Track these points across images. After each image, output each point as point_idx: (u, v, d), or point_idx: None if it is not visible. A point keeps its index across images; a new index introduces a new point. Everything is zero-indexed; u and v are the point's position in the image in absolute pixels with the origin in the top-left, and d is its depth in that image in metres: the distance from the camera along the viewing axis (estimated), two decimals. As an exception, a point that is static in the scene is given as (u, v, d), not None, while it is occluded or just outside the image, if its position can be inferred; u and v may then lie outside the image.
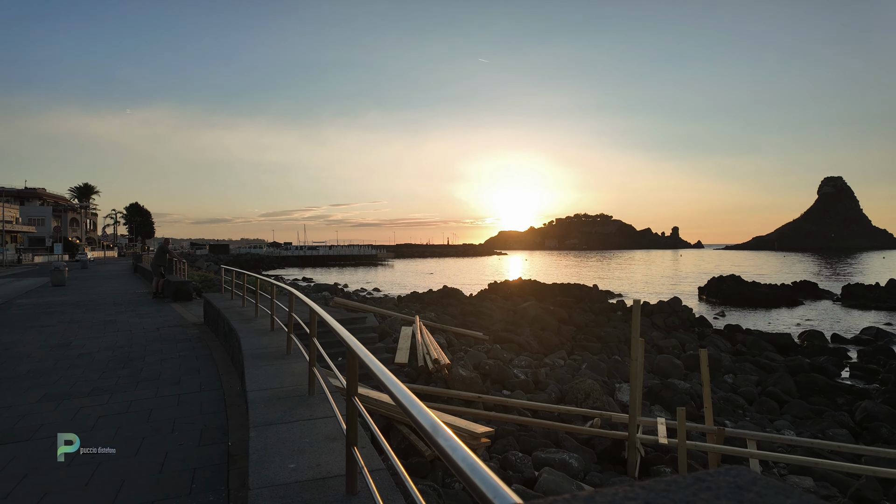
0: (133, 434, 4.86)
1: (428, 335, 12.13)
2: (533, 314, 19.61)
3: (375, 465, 2.98)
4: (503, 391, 10.15)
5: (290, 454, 3.29)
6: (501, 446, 7.23)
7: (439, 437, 1.17)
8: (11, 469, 4.14)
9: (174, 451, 4.48)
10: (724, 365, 14.59)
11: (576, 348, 15.98)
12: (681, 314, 23.53)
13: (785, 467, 7.85)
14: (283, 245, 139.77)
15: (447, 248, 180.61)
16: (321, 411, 4.12)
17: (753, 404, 11.73)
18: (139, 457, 4.36)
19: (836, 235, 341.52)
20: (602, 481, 6.55)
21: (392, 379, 1.78)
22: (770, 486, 0.73)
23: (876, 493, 6.87)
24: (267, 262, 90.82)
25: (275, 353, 6.22)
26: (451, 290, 28.74)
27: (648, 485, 0.74)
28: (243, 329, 7.82)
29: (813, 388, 13.12)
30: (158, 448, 4.54)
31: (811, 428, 10.27)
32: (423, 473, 5.88)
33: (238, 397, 5.97)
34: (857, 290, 38.50)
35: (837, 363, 16.74)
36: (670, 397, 10.84)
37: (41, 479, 3.98)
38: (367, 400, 6.44)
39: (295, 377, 5.13)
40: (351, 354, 2.59)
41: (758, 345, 18.16)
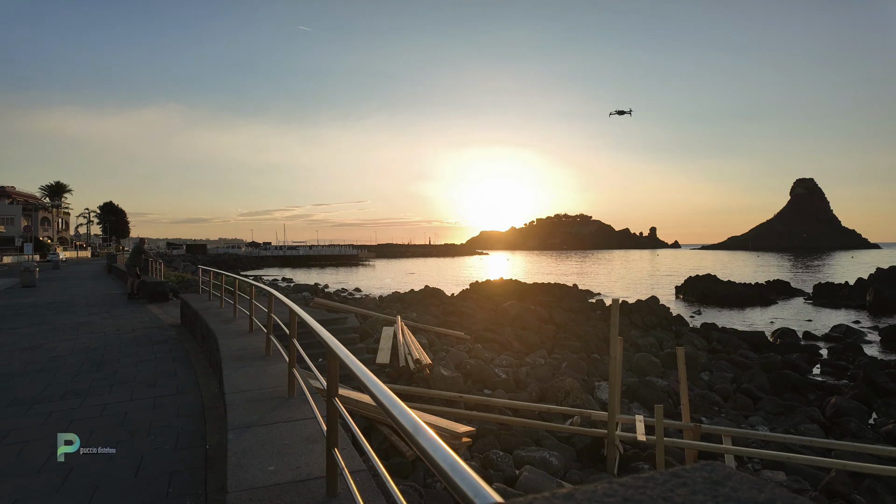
0: (107, 438, 4.75)
1: (409, 335, 12.11)
2: (514, 314, 19.72)
3: (356, 467, 2.96)
4: (484, 390, 10.18)
5: (270, 456, 3.25)
6: (483, 445, 7.26)
7: (420, 437, 1.17)
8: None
9: (150, 455, 4.39)
10: (700, 363, 14.86)
11: (556, 347, 16.11)
12: (658, 313, 23.89)
13: (759, 462, 8.03)
14: (262, 245, 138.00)
15: (429, 248, 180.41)
16: (301, 413, 4.08)
17: (729, 401, 11.98)
18: (114, 462, 4.27)
19: (807, 235, 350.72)
20: (582, 479, 6.62)
21: (373, 379, 1.77)
22: (744, 481, 0.74)
23: (846, 486, 7.07)
24: (245, 262, 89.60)
25: (254, 355, 6.14)
26: (433, 290, 28.75)
27: (626, 482, 0.75)
28: (221, 330, 7.70)
29: (785, 385, 13.46)
30: (134, 452, 4.45)
31: (784, 423, 10.53)
32: (404, 474, 5.87)
33: (216, 399, 5.88)
34: (827, 289, 39.59)
35: (809, 360, 17.21)
36: (648, 395, 11.00)
37: (10, 485, 3.86)
38: (348, 401, 6.40)
39: (274, 379, 5.08)
40: (331, 355, 2.57)
41: (733, 343, 18.55)
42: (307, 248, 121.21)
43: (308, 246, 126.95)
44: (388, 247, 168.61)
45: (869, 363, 15.85)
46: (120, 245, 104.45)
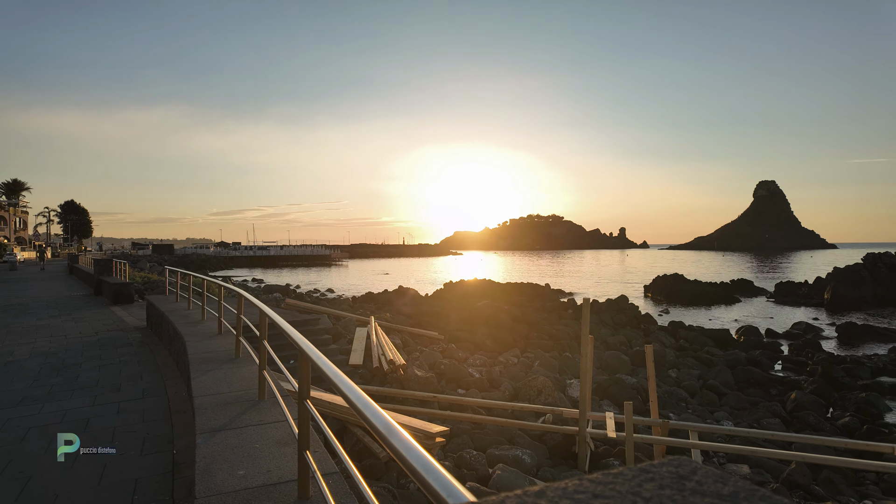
0: (68, 445, 4.59)
1: (383, 336, 12.05)
2: (487, 313, 19.82)
3: (329, 469, 2.94)
4: (458, 390, 10.21)
5: (240, 460, 3.20)
6: (456, 445, 7.27)
7: (393, 438, 1.17)
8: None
9: (114, 462, 4.26)
10: (668, 360, 15.21)
11: (529, 346, 16.27)
12: (628, 312, 24.37)
13: (724, 456, 8.27)
14: (231, 245, 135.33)
15: (402, 248, 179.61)
16: (272, 416, 4.02)
17: (695, 397, 12.30)
18: (75, 469, 4.12)
19: (769, 236, 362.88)
20: (554, 476, 6.71)
21: (346, 381, 1.76)
22: (709, 475, 0.76)
23: (805, 477, 7.35)
24: (214, 262, 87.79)
25: (223, 357, 6.02)
26: (407, 290, 28.71)
27: (596, 478, 0.76)
28: (189, 332, 7.53)
29: (749, 381, 13.90)
30: (96, 459, 4.31)
31: (748, 418, 10.87)
32: (377, 475, 5.84)
33: (184, 403, 5.75)
34: (787, 288, 41.07)
35: (771, 357, 17.83)
36: (618, 392, 11.21)
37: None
38: (320, 403, 6.34)
39: (244, 381, 4.99)
40: (303, 357, 2.54)
41: (699, 340, 19.06)
42: (278, 248, 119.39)
43: (279, 246, 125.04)
44: (362, 247, 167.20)
45: (826, 359, 16.50)
46: (82, 245, 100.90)
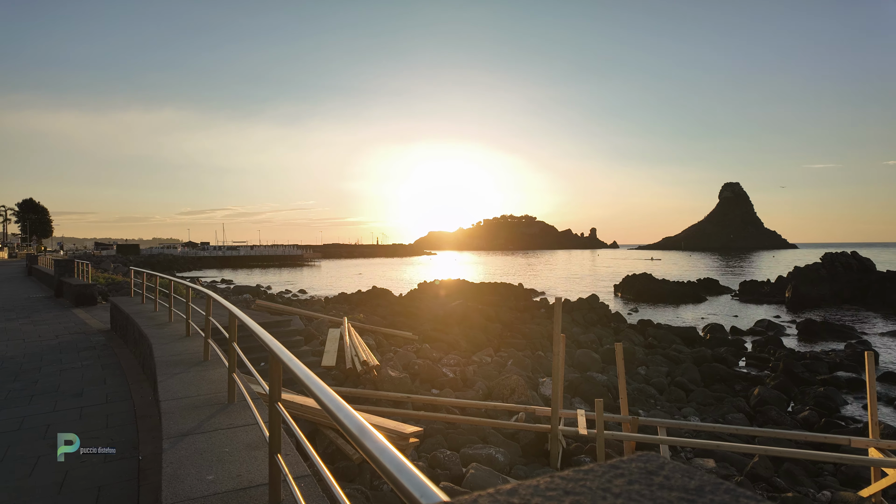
0: (27, 453, 4.41)
1: (356, 337, 11.95)
2: (461, 313, 19.87)
3: (300, 472, 2.90)
4: (432, 390, 10.21)
5: (209, 465, 3.13)
6: (430, 445, 7.27)
7: (366, 439, 1.16)
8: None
9: (76, 469, 4.11)
10: (637, 358, 15.53)
11: (502, 345, 16.38)
12: (598, 310, 24.78)
13: (691, 451, 8.49)
14: (199, 245, 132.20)
15: (376, 248, 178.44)
16: (242, 419, 3.95)
17: (664, 394, 12.59)
18: (34, 478, 3.96)
19: (734, 236, 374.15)
20: (527, 474, 6.77)
21: (318, 382, 1.74)
22: (676, 470, 0.78)
23: (767, 470, 7.60)
24: (182, 263, 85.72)
25: (191, 360, 5.89)
26: (381, 291, 28.52)
27: (568, 475, 0.78)
28: (156, 335, 7.33)
29: (715, 377, 14.29)
30: (57, 467, 4.15)
31: (713, 413, 11.18)
32: (350, 477, 5.80)
33: (150, 408, 5.59)
34: (751, 287, 42.40)
35: (736, 353, 18.37)
36: (589, 390, 11.38)
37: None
38: (292, 405, 6.25)
39: (213, 384, 4.89)
40: (274, 359, 2.50)
41: (667, 338, 19.50)
42: (248, 248, 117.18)
43: (249, 246, 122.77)
44: (335, 247, 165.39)
45: (787, 355, 17.12)
46: (41, 245, 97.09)
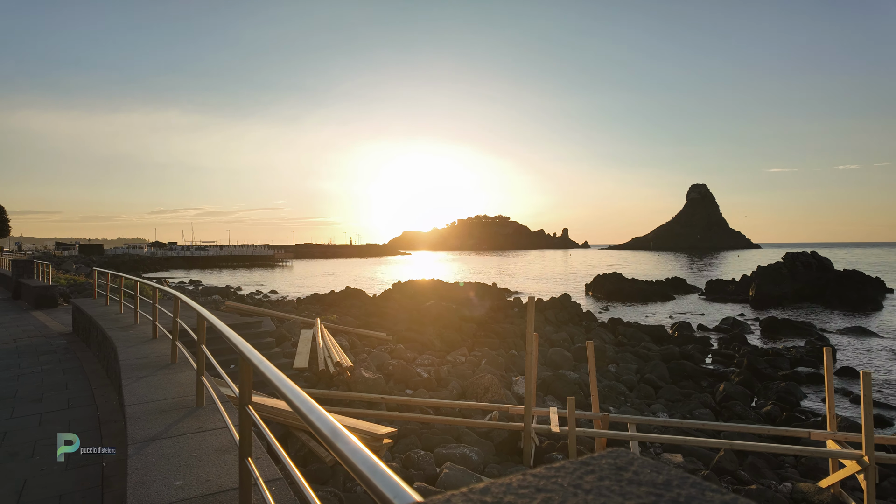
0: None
1: (329, 338, 11.83)
2: (436, 313, 19.87)
3: (272, 476, 2.86)
4: (406, 390, 10.18)
5: (176, 470, 3.05)
6: (404, 445, 7.25)
7: (339, 441, 1.15)
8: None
9: (35, 478, 3.96)
10: (608, 355, 15.80)
11: (476, 345, 16.45)
12: (570, 309, 25.12)
13: (660, 446, 8.69)
14: (166, 245, 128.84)
15: (350, 249, 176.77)
16: (211, 423, 3.87)
17: (634, 390, 12.84)
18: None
19: (700, 236, 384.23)
20: (500, 472, 6.81)
21: (289, 385, 1.71)
22: (645, 465, 0.80)
23: (732, 463, 7.83)
24: (148, 263, 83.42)
25: (158, 363, 5.74)
26: (354, 291, 28.30)
27: (539, 472, 0.79)
28: (121, 337, 7.12)
29: (683, 374, 14.66)
30: (15, 475, 3.99)
31: (681, 409, 11.46)
32: (323, 480, 5.74)
33: (114, 413, 5.42)
34: (717, 285, 43.62)
35: (702, 350, 18.88)
36: (561, 387, 11.53)
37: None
38: (263, 408, 6.15)
39: (181, 388, 4.77)
40: (244, 361, 2.45)
41: (637, 336, 19.91)
42: (218, 248, 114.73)
43: (219, 246, 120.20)
44: (307, 247, 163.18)
45: (751, 352, 17.68)
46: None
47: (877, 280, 38.96)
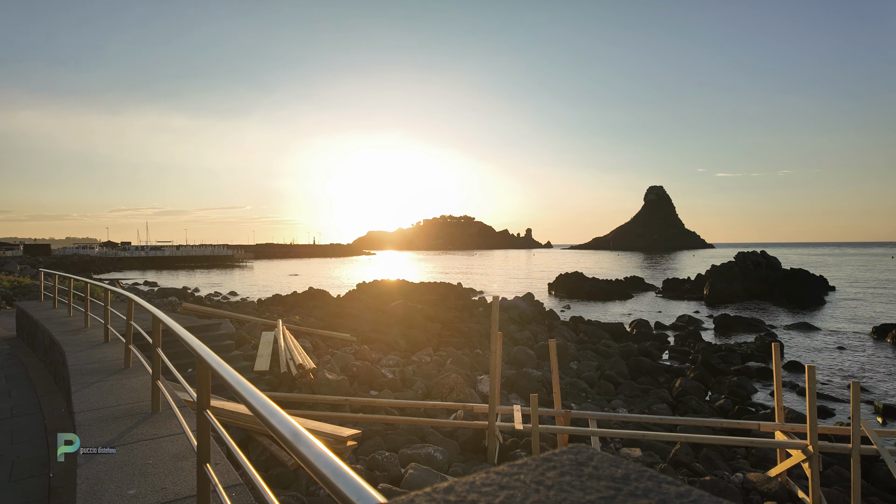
0: (-88, 477, 3.96)
1: (292, 339, 11.63)
2: (401, 313, 19.79)
3: (232, 481, 2.80)
4: (371, 392, 10.10)
5: (130, 479, 2.94)
6: (369, 447, 7.20)
7: (301, 444, 1.14)
8: None
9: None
10: (569, 353, 16.11)
11: (441, 344, 16.47)
12: (533, 308, 25.47)
13: (620, 441, 8.91)
14: (119, 245, 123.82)
15: (313, 249, 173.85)
16: (167, 429, 3.75)
17: (594, 387, 13.13)
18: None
19: (658, 237, 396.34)
20: (465, 471, 6.85)
21: (249, 388, 1.68)
22: (604, 460, 0.83)
23: (688, 456, 8.11)
24: (100, 264, 79.96)
25: (110, 368, 5.51)
26: (317, 292, 27.86)
27: (502, 470, 0.80)
28: (70, 342, 6.80)
29: (641, 370, 15.08)
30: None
31: (640, 404, 11.79)
32: (286, 484, 5.63)
33: (63, 421, 5.18)
34: (673, 284, 45.09)
35: (659, 347, 19.49)
36: (525, 385, 11.68)
37: None
38: (222, 413, 5.99)
39: (135, 393, 4.60)
40: (202, 364, 2.38)
41: (597, 334, 20.36)
42: (174, 248, 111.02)
43: (175, 246, 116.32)
44: (269, 247, 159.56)
45: (706, 348, 18.35)
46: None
47: (820, 278, 41.08)
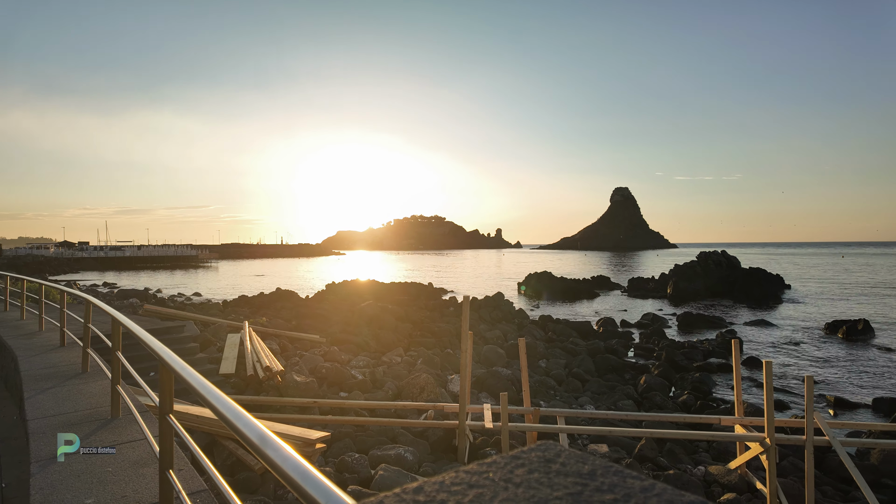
0: None
1: (258, 341, 11.41)
2: (371, 314, 19.64)
3: (196, 487, 2.73)
4: (341, 393, 10.01)
5: (87, 488, 2.84)
6: (338, 449, 7.13)
7: (268, 448, 1.12)
8: None
9: (-84, 507, 3.54)
10: (538, 351, 16.30)
11: (412, 345, 16.43)
12: (503, 308, 25.66)
13: (587, 437, 9.07)
14: (77, 245, 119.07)
15: (280, 249, 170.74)
16: (128, 434, 3.63)
17: (563, 385, 13.32)
18: None
19: (623, 237, 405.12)
20: (435, 470, 6.85)
21: (213, 391, 1.64)
22: (572, 457, 0.84)
23: (653, 451, 8.32)
24: (56, 265, 76.82)
25: (67, 373, 5.30)
26: (285, 293, 27.41)
27: (471, 468, 0.80)
28: (22, 346, 6.51)
29: (607, 367, 15.38)
30: None
31: (606, 401, 12.03)
32: (252, 489, 5.53)
33: (14, 429, 4.95)
34: (638, 283, 46.18)
35: (625, 344, 19.92)
36: (495, 384, 11.76)
37: None
38: (186, 417, 5.84)
39: (94, 398, 4.44)
40: (164, 368, 2.32)
41: (565, 332, 20.67)
42: (135, 248, 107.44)
43: (136, 246, 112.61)
44: (234, 247, 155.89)
45: (669, 345, 18.85)
46: None
47: (777, 277, 42.73)
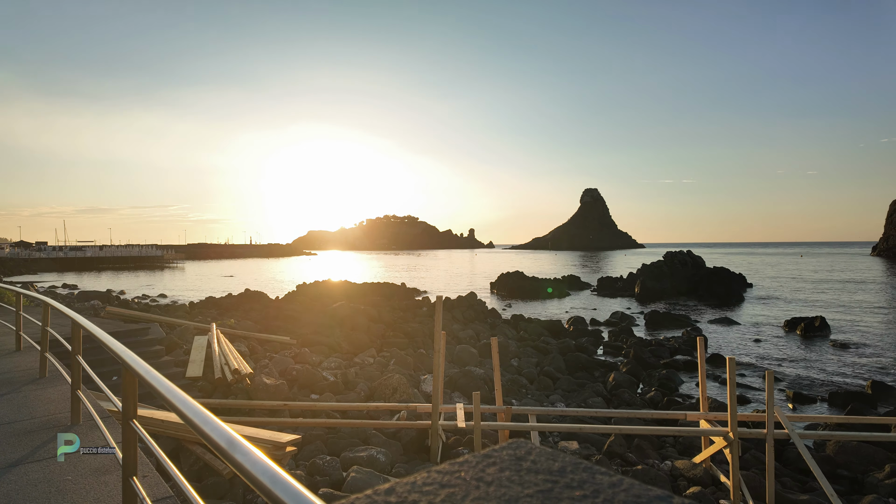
0: None
1: (226, 344, 11.17)
2: (343, 315, 19.45)
3: (162, 494, 2.66)
4: (312, 395, 9.88)
5: (45, 498, 2.73)
6: (309, 452, 7.04)
7: (236, 452, 1.10)
8: None
9: None
10: (511, 350, 16.44)
11: (385, 345, 16.34)
12: (476, 307, 25.79)
13: (558, 435, 9.19)
14: (34, 245, 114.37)
15: (249, 249, 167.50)
16: (90, 441, 3.51)
17: (534, 383, 13.47)
18: None
19: (593, 237, 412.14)
20: (408, 471, 6.83)
21: (179, 395, 1.60)
22: (542, 454, 0.85)
23: (621, 447, 8.49)
24: (11, 265, 73.68)
25: (23, 378, 5.08)
26: (254, 294, 26.92)
27: (444, 468, 0.81)
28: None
29: (578, 365, 15.62)
30: None
31: (577, 399, 12.21)
32: (221, 494, 5.41)
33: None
34: (607, 282, 47.05)
35: (595, 343, 20.27)
36: (468, 384, 11.81)
37: None
38: (151, 422, 5.68)
39: (52, 404, 4.27)
40: (128, 371, 2.25)
41: (537, 331, 20.89)
42: (97, 248, 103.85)
43: (98, 246, 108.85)
44: (201, 247, 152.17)
45: (637, 343, 19.26)
46: None
47: (740, 276, 44.13)
